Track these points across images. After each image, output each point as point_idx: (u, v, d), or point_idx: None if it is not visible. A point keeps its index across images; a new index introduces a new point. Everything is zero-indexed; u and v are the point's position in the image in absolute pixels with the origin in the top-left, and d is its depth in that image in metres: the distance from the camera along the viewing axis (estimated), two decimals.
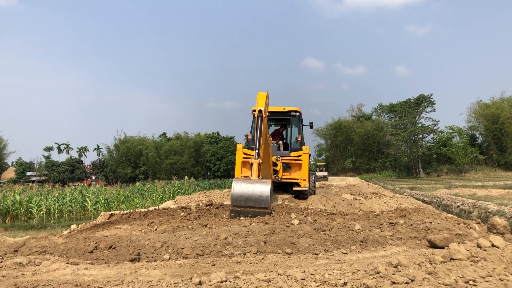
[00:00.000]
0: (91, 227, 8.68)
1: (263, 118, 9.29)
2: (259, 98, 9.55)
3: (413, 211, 9.10)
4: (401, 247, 5.50)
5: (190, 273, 4.45)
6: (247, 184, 8.26)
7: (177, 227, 7.38)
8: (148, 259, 5.32)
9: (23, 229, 16.73)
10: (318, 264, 4.67)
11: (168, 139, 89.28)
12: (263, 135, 9.31)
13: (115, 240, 6.07)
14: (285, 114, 13.20)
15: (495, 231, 5.88)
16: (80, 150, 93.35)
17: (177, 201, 14.68)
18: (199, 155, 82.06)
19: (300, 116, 13.37)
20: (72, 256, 5.54)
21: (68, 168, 79.80)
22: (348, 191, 21.18)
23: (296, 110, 13.10)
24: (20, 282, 4.06)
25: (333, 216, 8.08)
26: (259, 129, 9.11)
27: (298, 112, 13.17)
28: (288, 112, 13.10)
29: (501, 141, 59.07)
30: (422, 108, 63.12)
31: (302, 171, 12.55)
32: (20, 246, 5.96)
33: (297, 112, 13.11)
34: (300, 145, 12.94)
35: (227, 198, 14.27)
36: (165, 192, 24.28)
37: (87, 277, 4.39)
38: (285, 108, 13.09)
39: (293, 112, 13.06)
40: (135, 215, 9.64)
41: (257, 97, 9.61)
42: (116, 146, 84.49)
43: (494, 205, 11.90)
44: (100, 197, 21.27)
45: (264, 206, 8.07)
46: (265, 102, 9.57)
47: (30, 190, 24.93)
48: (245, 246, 5.68)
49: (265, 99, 9.61)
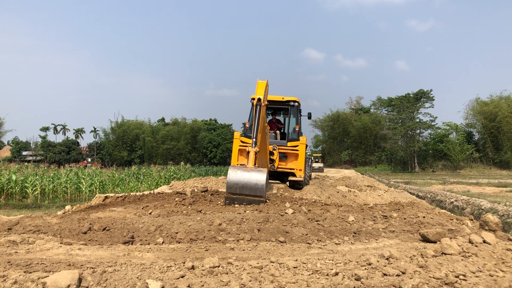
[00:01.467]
0: (85, 208, 8.68)
1: (261, 107, 9.24)
2: (258, 87, 9.48)
3: (407, 205, 9.14)
4: (394, 240, 5.54)
5: (183, 257, 4.47)
6: (243, 172, 8.24)
7: (172, 211, 7.39)
8: (142, 242, 5.34)
9: (18, 208, 16.72)
10: (311, 253, 4.70)
11: (166, 124, 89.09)
12: (261, 124, 9.26)
13: (109, 222, 6.08)
14: (284, 103, 13.13)
15: (487, 228, 5.92)
16: (76, 131, 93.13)
17: (173, 186, 14.69)
18: (196, 141, 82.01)
19: (299, 106, 13.32)
20: (65, 237, 5.55)
21: (64, 149, 79.62)
22: (343, 183, 21.25)
23: (295, 100, 13.03)
24: (13, 259, 4.07)
25: (327, 207, 8.11)
26: (257, 117, 9.05)
27: (297, 102, 13.10)
28: (287, 101, 13.02)
29: (497, 139, 59.29)
30: (420, 104, 63.16)
31: (298, 161, 12.53)
32: (14, 225, 5.96)
33: (296, 102, 13.05)
34: (297, 135, 12.92)
35: (222, 185, 14.29)
36: (161, 177, 24.28)
37: (80, 257, 4.40)
38: (284, 98, 13.02)
39: (292, 102, 12.98)
40: (130, 199, 9.63)
41: (257, 86, 9.54)
42: (112, 129, 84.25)
43: (487, 203, 11.98)
44: (95, 179, 21.25)
45: (259, 195, 8.07)
46: (265, 91, 9.51)
47: (26, 170, 24.86)
48: (239, 233, 5.70)
49: (265, 87, 9.55)
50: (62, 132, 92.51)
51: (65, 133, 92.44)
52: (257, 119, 9.02)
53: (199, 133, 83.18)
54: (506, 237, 5.28)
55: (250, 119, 12.79)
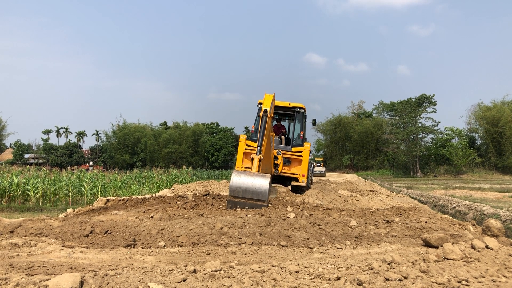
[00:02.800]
0: (87, 211, 8.69)
1: (268, 118, 9.59)
2: (266, 99, 9.90)
3: (409, 210, 9.12)
4: (396, 245, 5.53)
5: (184, 261, 4.47)
6: (246, 176, 8.33)
7: (173, 215, 7.39)
8: (143, 246, 5.34)
9: (19, 211, 16.75)
10: (313, 258, 4.69)
11: (168, 127, 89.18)
12: (266, 134, 9.59)
13: (111, 225, 6.08)
14: (290, 109, 13.35)
15: (489, 233, 5.89)
16: (78, 134, 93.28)
17: (174, 189, 14.72)
18: (198, 145, 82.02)
19: (304, 112, 13.51)
20: (67, 239, 5.55)
21: (66, 152, 79.70)
22: (345, 187, 21.22)
23: (301, 106, 13.24)
24: (15, 262, 4.07)
25: (329, 212, 8.10)
26: (263, 127, 9.36)
27: (303, 109, 13.31)
28: (293, 108, 13.27)
29: (500, 144, 59.07)
30: (423, 108, 63.02)
31: (302, 166, 12.73)
32: (16, 227, 5.97)
33: (302, 108, 13.27)
34: (302, 141, 13.11)
35: (224, 188, 14.30)
36: (163, 180, 24.29)
37: (82, 260, 4.40)
38: (290, 104, 13.25)
39: (298, 108, 13.22)
40: (131, 202, 9.65)
41: (264, 98, 9.95)
42: (114, 132, 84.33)
43: (490, 208, 11.94)
44: (97, 182, 21.25)
45: (261, 199, 8.10)
46: (271, 104, 9.92)
47: (28, 172, 24.90)
48: (241, 237, 5.70)
49: (271, 100, 9.96)
50: (64, 135, 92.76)
51: (67, 136, 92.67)
52: (263, 129, 9.32)
53: (201, 137, 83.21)
54: (509, 243, 5.25)
55: (256, 123, 13.03)
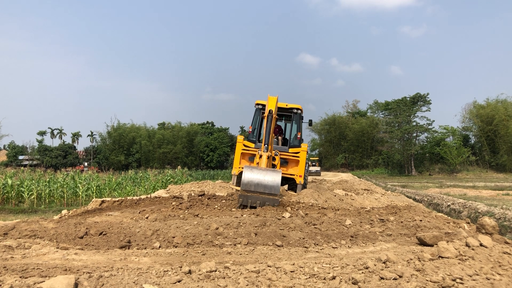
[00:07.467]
0: (82, 213, 8.64)
1: (273, 118, 9.98)
2: (270, 101, 10.28)
3: (403, 208, 9.16)
4: (391, 244, 5.55)
5: (180, 261, 4.46)
6: (259, 170, 8.59)
7: (169, 216, 7.38)
8: (139, 247, 5.32)
9: (14, 212, 16.64)
10: (308, 257, 4.69)
11: (163, 127, 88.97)
12: (271, 133, 10.10)
13: (106, 227, 6.06)
14: (287, 110, 13.40)
15: (484, 231, 5.93)
16: (73, 135, 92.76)
17: (169, 190, 14.67)
18: (193, 145, 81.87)
19: (301, 113, 13.55)
20: (62, 241, 5.52)
21: (61, 153, 79.20)
22: (340, 186, 21.26)
23: (298, 107, 13.31)
24: (9, 264, 4.04)
25: (324, 211, 8.12)
26: (269, 127, 9.79)
27: (300, 110, 13.39)
28: (290, 109, 13.33)
29: (494, 142, 59.46)
30: (417, 107, 63.28)
31: (298, 167, 12.79)
32: (10, 229, 5.93)
33: (299, 109, 13.34)
34: (299, 142, 13.16)
35: (219, 189, 14.28)
36: (158, 180, 24.22)
37: (77, 262, 4.38)
38: (288, 105, 13.29)
39: (295, 109, 13.30)
40: (126, 203, 9.61)
41: (268, 100, 10.33)
42: (108, 133, 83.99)
43: (484, 206, 12.00)
44: (92, 183, 21.17)
45: (274, 193, 8.30)
46: (275, 105, 10.27)
47: (22, 174, 24.76)
48: (236, 237, 5.69)
49: (276, 102, 10.33)
50: (58, 136, 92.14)
51: (62, 137, 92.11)
52: (268, 128, 9.77)
53: (196, 137, 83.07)
54: (503, 240, 5.28)
55: (253, 123, 13.21)
